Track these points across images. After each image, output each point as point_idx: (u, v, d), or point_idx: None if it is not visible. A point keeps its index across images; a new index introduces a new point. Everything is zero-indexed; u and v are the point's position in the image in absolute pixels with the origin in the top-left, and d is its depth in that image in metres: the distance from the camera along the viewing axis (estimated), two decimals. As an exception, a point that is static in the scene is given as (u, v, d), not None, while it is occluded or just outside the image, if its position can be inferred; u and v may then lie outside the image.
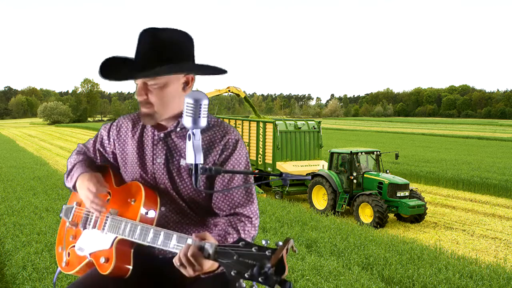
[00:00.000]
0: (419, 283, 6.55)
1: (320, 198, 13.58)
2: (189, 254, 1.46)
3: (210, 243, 1.43)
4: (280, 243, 1.28)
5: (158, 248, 1.66)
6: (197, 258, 1.44)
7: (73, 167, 1.98)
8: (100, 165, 2.03)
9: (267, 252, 1.29)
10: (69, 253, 1.94)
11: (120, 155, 1.95)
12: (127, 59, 1.81)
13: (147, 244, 1.67)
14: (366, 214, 11.99)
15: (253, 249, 1.31)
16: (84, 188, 1.83)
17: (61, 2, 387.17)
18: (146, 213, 1.76)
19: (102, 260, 1.77)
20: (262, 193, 14.95)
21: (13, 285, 5.74)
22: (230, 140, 1.80)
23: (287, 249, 1.27)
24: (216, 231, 1.71)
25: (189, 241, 1.52)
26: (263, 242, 1.33)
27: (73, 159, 2.03)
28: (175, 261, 1.50)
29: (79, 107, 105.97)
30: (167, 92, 1.78)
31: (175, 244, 1.59)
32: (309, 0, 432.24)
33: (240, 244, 1.34)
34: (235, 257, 1.32)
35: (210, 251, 1.41)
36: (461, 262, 7.66)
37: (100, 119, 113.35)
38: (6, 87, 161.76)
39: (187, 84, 1.83)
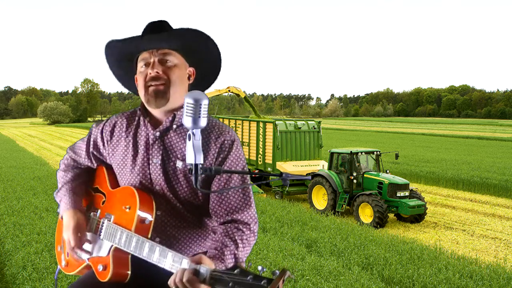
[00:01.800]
0: (419, 283, 6.54)
1: (320, 198, 13.57)
2: (184, 280, 1.43)
3: (206, 267, 1.40)
4: (277, 272, 1.25)
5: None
6: (193, 283, 1.42)
7: (61, 188, 1.96)
8: (93, 169, 2.00)
9: (263, 283, 1.26)
10: (68, 254, 1.94)
11: (114, 156, 1.90)
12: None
13: (143, 258, 1.64)
14: (366, 214, 11.99)
15: (248, 277, 1.28)
16: (66, 235, 1.85)
17: (61, 2, 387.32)
18: (142, 221, 1.72)
19: (100, 268, 1.75)
20: (262, 193, 14.94)
21: (13, 285, 5.73)
22: (226, 142, 1.76)
23: (283, 280, 1.25)
24: (212, 244, 1.67)
25: (184, 262, 1.50)
26: (259, 268, 1.30)
27: (61, 176, 2.00)
28: (170, 284, 1.47)
29: (79, 107, 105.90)
30: (178, 73, 1.78)
31: (171, 264, 1.55)
32: (309, 0, 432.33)
33: (235, 271, 1.31)
34: (230, 284, 1.30)
35: (206, 276, 1.39)
36: (461, 262, 7.65)
37: (100, 119, 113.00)
38: (6, 87, 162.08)
39: (189, 76, 1.85)
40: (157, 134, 1.80)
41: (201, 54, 1.85)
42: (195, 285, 1.42)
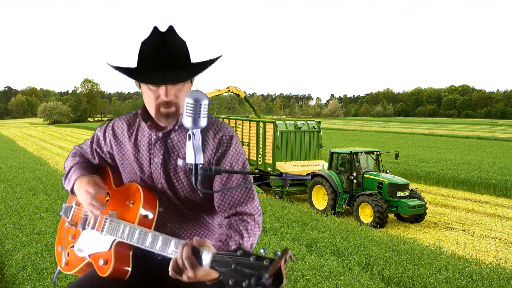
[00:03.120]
0: (419, 283, 6.55)
1: (320, 198, 13.58)
2: (184, 256, 1.43)
3: (208, 250, 1.41)
4: (279, 253, 1.26)
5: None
6: (192, 261, 1.42)
7: (70, 169, 1.98)
8: (98, 166, 2.02)
9: (265, 262, 1.27)
10: (68, 253, 1.94)
11: (118, 156, 1.94)
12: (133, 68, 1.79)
13: (146, 248, 1.66)
14: (366, 214, 11.99)
15: (250, 258, 1.29)
16: (83, 190, 1.81)
17: (61, 2, 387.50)
18: (145, 216, 1.74)
19: (101, 262, 1.76)
20: (262, 193, 14.95)
21: (13, 285, 5.74)
22: (224, 137, 1.79)
23: (285, 260, 1.25)
24: (218, 236, 1.69)
25: None
26: (261, 251, 1.32)
27: (70, 161, 2.02)
28: (171, 270, 1.48)
29: (79, 107, 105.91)
30: (186, 90, 1.80)
31: (174, 250, 1.56)
32: (309, 0, 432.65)
33: (238, 252, 1.33)
34: (232, 266, 1.31)
35: (208, 258, 1.39)
36: (461, 262, 7.66)
37: (100, 119, 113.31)
38: (6, 87, 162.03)
39: (191, 82, 1.88)
40: (160, 134, 1.83)
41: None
42: (193, 263, 1.42)
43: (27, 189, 12.85)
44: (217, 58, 1.81)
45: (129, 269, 1.76)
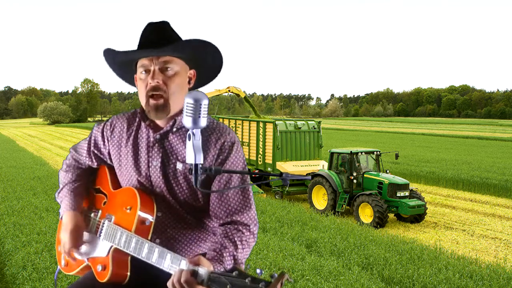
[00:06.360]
0: (419, 283, 6.55)
1: (320, 198, 13.58)
2: (182, 280, 1.43)
3: (204, 269, 1.41)
4: (276, 275, 1.25)
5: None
6: (191, 284, 1.42)
7: (62, 189, 1.96)
8: (95, 169, 2.00)
9: (260, 285, 1.26)
10: None
11: (115, 157, 1.90)
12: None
13: (142, 258, 1.65)
14: (366, 214, 11.99)
15: (246, 280, 1.28)
16: (63, 236, 1.85)
17: (61, 2, 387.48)
18: (142, 222, 1.72)
19: (99, 268, 1.76)
20: (262, 193, 14.94)
21: (13, 285, 5.74)
22: (226, 143, 1.76)
23: (281, 283, 1.25)
24: (211, 245, 1.67)
25: (183, 263, 1.50)
26: (258, 271, 1.31)
27: (62, 176, 2.00)
28: (169, 286, 1.48)
29: (79, 107, 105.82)
30: (178, 81, 1.77)
31: (170, 265, 1.55)
32: (309, 0, 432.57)
33: (233, 273, 1.32)
34: (228, 286, 1.30)
35: (204, 277, 1.39)
36: (461, 262, 7.66)
37: (100, 119, 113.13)
38: (6, 87, 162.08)
39: (190, 80, 1.84)
40: (157, 136, 1.80)
41: (204, 61, 1.85)
42: (193, 286, 1.42)
43: (27, 189, 12.84)
44: (206, 44, 1.78)
45: (128, 273, 1.75)
